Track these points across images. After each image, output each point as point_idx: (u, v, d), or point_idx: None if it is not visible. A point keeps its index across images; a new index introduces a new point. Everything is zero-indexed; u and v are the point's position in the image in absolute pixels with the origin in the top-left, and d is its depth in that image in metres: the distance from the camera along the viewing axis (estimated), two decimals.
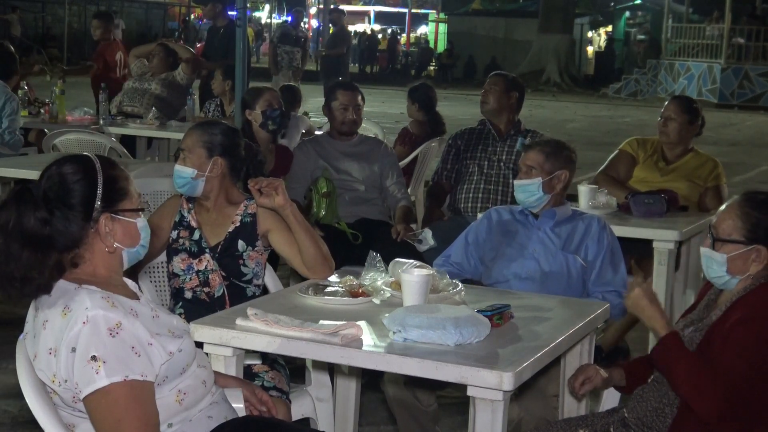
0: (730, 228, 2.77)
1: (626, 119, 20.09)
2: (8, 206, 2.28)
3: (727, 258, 2.77)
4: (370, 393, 4.12)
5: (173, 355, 2.32)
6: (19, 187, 2.32)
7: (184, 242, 3.55)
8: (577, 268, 3.70)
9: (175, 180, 3.55)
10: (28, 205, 2.27)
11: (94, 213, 2.32)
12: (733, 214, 2.77)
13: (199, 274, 3.52)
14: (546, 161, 3.74)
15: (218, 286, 3.51)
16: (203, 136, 3.55)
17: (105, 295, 2.27)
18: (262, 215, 3.54)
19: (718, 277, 2.81)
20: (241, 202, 3.57)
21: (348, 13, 17.11)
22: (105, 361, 2.18)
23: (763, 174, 12.81)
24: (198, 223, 3.57)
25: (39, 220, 2.26)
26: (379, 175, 5.29)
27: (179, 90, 8.43)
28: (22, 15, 30.04)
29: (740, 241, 2.75)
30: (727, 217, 2.79)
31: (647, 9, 36.48)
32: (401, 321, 2.70)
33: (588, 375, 2.97)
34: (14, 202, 2.28)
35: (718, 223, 2.80)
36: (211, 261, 3.51)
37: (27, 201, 2.28)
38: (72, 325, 2.21)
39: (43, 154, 6.72)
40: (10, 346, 2.50)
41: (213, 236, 3.55)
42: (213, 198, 3.57)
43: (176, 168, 3.55)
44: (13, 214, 2.26)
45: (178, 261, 3.54)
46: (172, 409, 2.36)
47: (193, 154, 3.53)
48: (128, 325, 2.24)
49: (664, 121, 5.23)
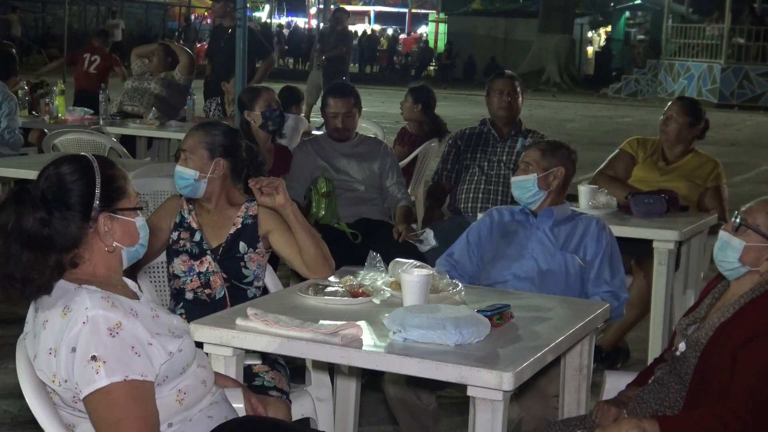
0: (762, 220, 2.75)
1: (626, 119, 20.10)
2: (7, 207, 2.27)
3: (745, 246, 2.75)
4: (370, 393, 4.12)
5: (173, 355, 2.32)
6: (18, 188, 2.32)
7: (185, 244, 3.54)
8: (576, 268, 3.70)
9: (177, 181, 3.54)
10: (26, 206, 2.27)
11: (92, 212, 2.31)
12: (766, 209, 2.76)
13: (201, 276, 3.52)
14: (542, 158, 3.78)
15: (219, 288, 3.51)
16: (205, 138, 3.54)
17: (105, 295, 2.26)
18: (263, 216, 3.53)
19: (727, 263, 2.79)
20: (242, 204, 3.57)
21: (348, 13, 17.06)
22: (105, 361, 2.18)
23: (763, 174, 12.81)
24: (199, 224, 3.56)
25: (38, 220, 2.26)
26: (379, 175, 5.29)
27: (179, 90, 8.44)
28: (22, 15, 30.07)
29: (765, 235, 2.74)
30: (762, 210, 2.77)
31: (647, 9, 36.48)
32: (401, 321, 2.70)
33: (614, 417, 2.88)
34: (13, 203, 2.28)
35: (751, 212, 2.78)
36: (212, 263, 3.51)
37: (25, 202, 2.28)
38: (72, 325, 2.21)
39: (43, 154, 6.72)
40: (10, 346, 2.50)
41: (214, 238, 3.55)
42: (214, 199, 3.56)
43: (177, 169, 3.54)
44: (12, 215, 2.26)
45: (178, 262, 3.54)
46: (172, 408, 2.36)
47: (195, 155, 3.52)
48: (128, 325, 2.24)
49: (665, 120, 5.23)
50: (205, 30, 33.83)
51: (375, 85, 26.42)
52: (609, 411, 2.91)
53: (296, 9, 45.17)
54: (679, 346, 2.85)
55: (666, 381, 2.85)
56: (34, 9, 32.48)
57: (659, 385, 2.84)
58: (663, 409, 2.79)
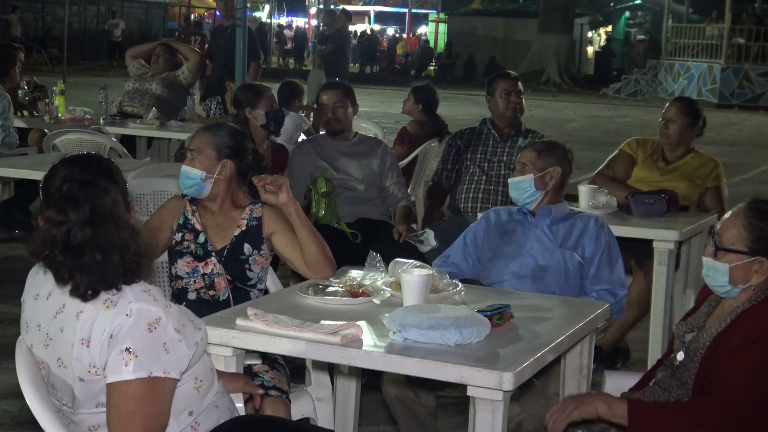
0: (734, 237, 2.72)
1: (626, 119, 20.09)
2: (83, 198, 2.29)
3: (730, 268, 2.73)
4: (370, 393, 4.12)
5: (198, 345, 2.37)
6: (80, 179, 2.32)
7: (189, 245, 3.53)
8: (575, 265, 3.71)
9: (182, 181, 3.53)
10: (98, 191, 2.31)
11: (129, 197, 2.42)
12: (738, 224, 2.73)
13: (205, 278, 3.51)
14: (538, 158, 3.79)
15: (224, 290, 3.50)
16: (213, 138, 3.54)
17: (146, 288, 2.31)
18: (267, 218, 3.54)
19: (720, 287, 2.78)
20: (246, 206, 3.57)
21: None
22: (137, 355, 2.23)
23: (763, 174, 12.81)
24: (203, 225, 3.55)
25: (112, 198, 2.33)
26: (379, 175, 5.29)
27: (179, 90, 8.43)
28: (22, 15, 30.07)
29: (743, 252, 2.71)
30: (731, 225, 2.74)
31: (647, 9, 36.50)
32: (401, 321, 2.71)
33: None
34: (85, 194, 2.30)
35: (722, 231, 2.76)
36: (217, 265, 3.51)
37: (97, 187, 2.31)
38: (114, 317, 2.25)
39: (43, 154, 6.72)
40: (10, 346, 2.50)
41: (218, 239, 3.54)
42: (219, 201, 3.56)
43: (184, 169, 3.53)
44: (93, 200, 2.30)
45: (182, 264, 3.53)
46: (191, 396, 2.40)
47: (202, 155, 3.51)
48: (166, 320, 2.28)
49: (665, 123, 5.21)
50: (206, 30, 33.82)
51: (375, 85, 26.42)
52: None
53: (296, 9, 45.18)
54: (678, 355, 2.85)
55: (667, 385, 2.84)
56: (34, 9, 32.46)
57: (660, 388, 2.83)
58: None
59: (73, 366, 2.30)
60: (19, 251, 6.89)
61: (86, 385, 2.31)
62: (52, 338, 2.33)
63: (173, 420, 2.34)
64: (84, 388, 2.32)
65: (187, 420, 2.40)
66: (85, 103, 9.52)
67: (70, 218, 2.26)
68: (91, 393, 2.32)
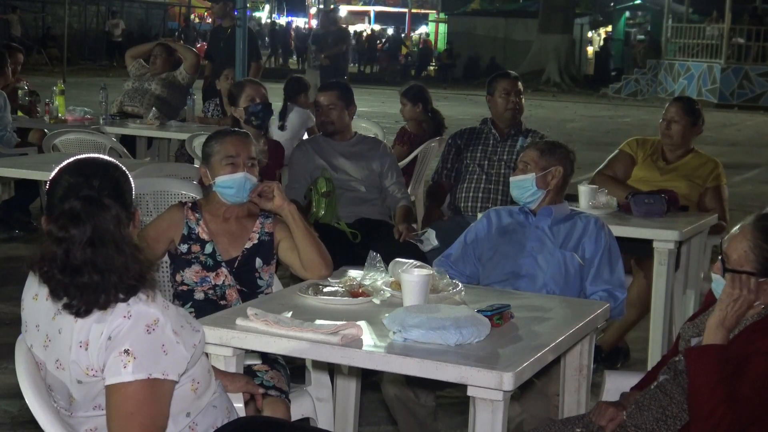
0: (742, 259, 2.70)
1: (626, 119, 20.10)
2: (85, 217, 2.25)
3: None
4: (370, 393, 4.12)
5: (196, 348, 2.37)
6: (84, 195, 2.27)
7: (198, 256, 3.50)
8: (575, 266, 3.71)
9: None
10: (101, 210, 2.27)
11: (132, 208, 2.38)
12: (745, 245, 2.70)
13: (216, 289, 3.49)
14: (540, 157, 3.79)
15: (235, 301, 3.48)
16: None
17: (143, 290, 2.30)
18: (277, 230, 3.55)
19: None
20: (257, 216, 3.56)
21: (348, 13, 16.98)
22: (136, 357, 2.22)
23: (763, 174, 12.81)
24: (210, 234, 3.51)
25: (114, 218, 2.28)
26: (378, 175, 5.28)
27: (179, 90, 8.44)
28: (22, 15, 30.05)
29: (752, 273, 2.69)
30: (738, 246, 2.72)
31: (647, 9, 36.51)
32: (401, 321, 2.71)
33: (611, 417, 2.90)
34: (87, 212, 2.26)
35: (729, 251, 2.73)
36: (229, 276, 3.49)
37: (100, 206, 2.27)
38: (113, 319, 2.25)
39: (43, 154, 6.72)
40: (10, 346, 2.50)
41: (230, 248, 3.51)
42: (237, 208, 3.54)
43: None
44: (96, 220, 2.26)
45: (190, 273, 3.50)
46: (188, 398, 2.40)
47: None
48: (164, 322, 2.27)
49: (667, 124, 5.20)
50: (204, 30, 33.82)
51: (375, 85, 26.41)
52: (606, 410, 2.92)
53: (296, 9, 45.18)
54: (683, 358, 2.84)
55: (669, 390, 2.83)
56: (34, 9, 32.44)
57: (662, 393, 2.82)
58: (665, 418, 2.77)
59: (71, 368, 2.30)
60: (19, 251, 6.89)
61: (84, 387, 2.31)
62: (51, 339, 2.33)
63: (171, 421, 2.34)
64: (82, 390, 2.32)
65: (185, 421, 2.40)
66: (85, 103, 9.51)
67: (72, 236, 2.24)
68: (90, 395, 2.32)
